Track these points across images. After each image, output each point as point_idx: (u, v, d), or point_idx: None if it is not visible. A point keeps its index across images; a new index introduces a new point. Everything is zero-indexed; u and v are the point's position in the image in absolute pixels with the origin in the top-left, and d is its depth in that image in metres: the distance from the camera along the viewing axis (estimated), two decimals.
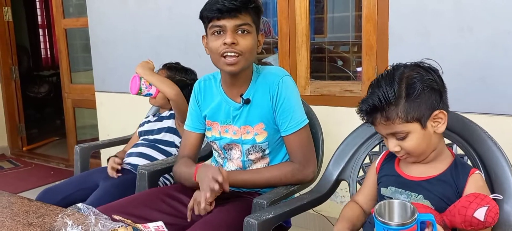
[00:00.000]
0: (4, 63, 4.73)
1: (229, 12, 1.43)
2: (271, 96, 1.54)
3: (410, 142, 1.17)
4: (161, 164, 1.92)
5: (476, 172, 1.19)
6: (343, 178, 1.58)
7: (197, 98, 1.69)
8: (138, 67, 2.15)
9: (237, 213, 1.50)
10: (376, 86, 1.18)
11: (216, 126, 1.65)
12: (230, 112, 1.61)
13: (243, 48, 1.46)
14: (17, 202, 1.48)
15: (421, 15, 2.22)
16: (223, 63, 1.48)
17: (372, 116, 1.18)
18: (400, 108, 1.14)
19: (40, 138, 5.34)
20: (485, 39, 2.08)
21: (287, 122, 1.54)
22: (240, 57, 1.47)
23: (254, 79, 1.58)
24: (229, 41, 1.43)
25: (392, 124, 1.15)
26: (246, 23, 1.46)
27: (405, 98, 1.14)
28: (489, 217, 1.04)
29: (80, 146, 2.28)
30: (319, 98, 2.62)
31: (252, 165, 1.64)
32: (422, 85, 1.14)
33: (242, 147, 1.61)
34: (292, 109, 1.54)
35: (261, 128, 1.57)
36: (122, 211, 1.49)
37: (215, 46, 1.47)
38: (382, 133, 1.21)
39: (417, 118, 1.14)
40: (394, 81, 1.15)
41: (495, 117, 2.09)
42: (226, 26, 1.45)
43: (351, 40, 2.93)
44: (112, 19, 3.48)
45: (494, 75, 2.07)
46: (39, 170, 4.33)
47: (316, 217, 2.49)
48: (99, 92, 3.70)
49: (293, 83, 1.58)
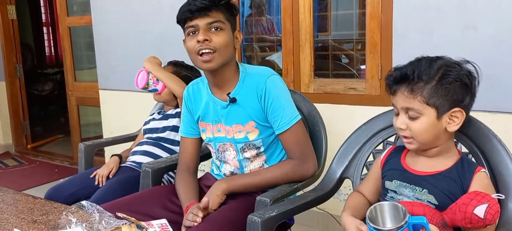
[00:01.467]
0: (9, 61, 4.75)
1: (200, 11, 1.48)
2: (258, 96, 1.55)
3: (419, 125, 1.17)
4: (165, 161, 1.93)
5: (482, 170, 1.19)
6: (346, 176, 1.58)
7: (187, 104, 1.72)
8: (145, 62, 2.15)
9: (241, 211, 1.51)
10: (415, 62, 1.19)
11: (208, 127, 1.66)
12: (218, 111, 1.62)
13: (216, 44, 1.49)
14: (21, 200, 1.49)
15: (425, 13, 2.22)
16: (200, 61, 1.52)
17: (398, 84, 1.18)
18: (427, 88, 1.14)
19: (44, 136, 5.37)
20: (489, 37, 2.07)
21: (279, 120, 1.54)
22: (215, 54, 1.50)
23: (242, 79, 1.59)
24: (201, 38, 1.47)
25: (413, 98, 1.15)
26: (218, 20, 1.50)
27: (437, 81, 1.15)
28: (489, 215, 1.05)
29: (84, 144, 2.28)
30: (323, 96, 2.62)
31: (249, 164, 1.64)
32: (455, 76, 1.15)
33: (236, 146, 1.62)
34: (282, 107, 1.54)
35: (252, 126, 1.58)
36: (126, 208, 1.50)
37: (191, 46, 1.52)
38: (397, 105, 1.21)
39: (437, 105, 1.15)
40: (434, 65, 1.16)
41: (500, 115, 2.08)
42: (198, 24, 1.49)
43: (355, 38, 2.92)
44: (115, 17, 3.49)
45: (498, 73, 2.06)
46: (43, 167, 4.35)
47: (320, 215, 2.49)
48: (103, 90, 3.71)
49: (280, 82, 1.58)
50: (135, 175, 2.01)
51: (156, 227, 1.29)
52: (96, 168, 2.16)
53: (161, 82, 2.12)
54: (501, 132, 1.36)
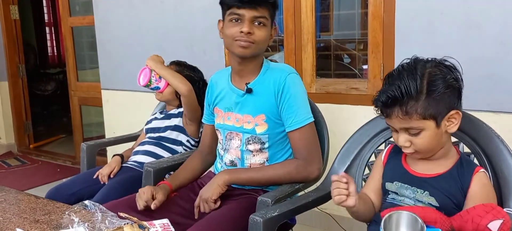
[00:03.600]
0: (11, 61, 4.76)
1: (250, 3, 1.50)
2: (275, 91, 1.56)
3: (422, 139, 1.16)
4: (167, 161, 1.93)
5: (481, 170, 1.18)
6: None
7: (207, 95, 1.79)
8: (149, 60, 2.15)
9: (241, 211, 1.51)
10: (397, 78, 1.16)
11: (220, 113, 1.70)
12: (233, 99, 1.65)
13: (257, 38, 1.53)
14: (24, 199, 1.49)
15: (428, 12, 2.21)
16: (237, 45, 1.54)
17: (390, 108, 1.16)
18: (419, 104, 1.12)
19: (46, 136, 5.38)
20: (493, 36, 2.06)
21: (292, 118, 1.55)
22: (253, 45, 1.54)
23: (263, 72, 1.62)
24: (246, 30, 1.50)
25: (409, 119, 1.14)
26: (263, 16, 1.53)
27: (426, 94, 1.12)
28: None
29: (86, 144, 2.29)
30: (325, 96, 2.62)
31: (251, 157, 1.64)
32: (444, 84, 1.13)
33: (243, 136, 1.63)
34: (297, 105, 1.55)
35: (262, 119, 1.59)
36: (128, 208, 1.50)
37: (231, 32, 1.54)
38: (395, 126, 1.19)
39: (434, 115, 1.14)
40: (417, 75, 1.13)
41: (503, 115, 2.07)
42: (245, 15, 1.51)
43: (357, 38, 2.91)
44: (118, 17, 3.49)
45: (501, 73, 2.06)
46: (46, 167, 4.36)
47: (322, 215, 2.48)
48: (105, 90, 3.71)
49: (299, 81, 1.60)
50: (136, 175, 2.01)
51: (158, 227, 1.29)
52: (99, 167, 2.16)
53: (163, 80, 2.12)
54: (504, 131, 1.35)
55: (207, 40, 2.96)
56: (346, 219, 2.36)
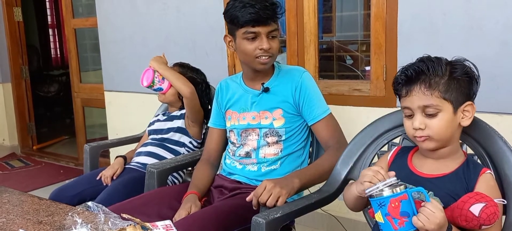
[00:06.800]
0: (15, 62, 4.78)
1: (264, 21, 1.58)
2: (293, 88, 1.66)
3: (439, 122, 1.16)
4: (170, 162, 1.93)
5: (487, 172, 1.18)
6: (351, 178, 1.58)
7: (217, 98, 1.83)
8: (152, 61, 2.16)
9: (243, 209, 1.53)
10: (422, 60, 1.19)
11: (235, 115, 1.75)
12: (249, 100, 1.71)
13: (274, 50, 1.64)
14: (27, 201, 1.50)
15: (430, 13, 2.21)
16: (258, 62, 1.64)
17: (413, 83, 1.17)
18: (442, 82, 1.15)
19: (50, 137, 5.39)
20: (495, 37, 2.06)
21: (315, 110, 1.65)
22: (271, 58, 1.65)
23: (277, 73, 1.72)
24: (266, 47, 1.60)
25: (430, 94, 1.15)
26: (276, 29, 1.63)
27: (448, 76, 1.16)
28: (484, 214, 1.05)
29: (89, 145, 2.29)
30: (328, 97, 2.57)
31: (266, 148, 1.69)
32: (463, 71, 1.17)
33: (260, 131, 1.69)
34: (317, 99, 1.67)
35: (279, 114, 1.67)
36: (131, 209, 1.50)
37: (249, 50, 1.62)
38: (413, 105, 1.18)
39: (452, 99, 1.15)
40: (441, 61, 1.18)
41: (506, 116, 2.07)
42: (261, 32, 1.60)
43: (360, 39, 2.91)
44: (121, 19, 3.50)
45: (504, 74, 2.05)
46: (49, 168, 4.37)
47: (324, 217, 2.48)
48: (108, 91, 3.72)
49: (312, 78, 1.72)
50: (139, 176, 2.02)
51: (160, 228, 1.29)
52: (101, 169, 2.17)
53: (166, 82, 2.12)
54: (507, 133, 1.35)
55: (209, 42, 2.97)
56: (349, 221, 2.35)
